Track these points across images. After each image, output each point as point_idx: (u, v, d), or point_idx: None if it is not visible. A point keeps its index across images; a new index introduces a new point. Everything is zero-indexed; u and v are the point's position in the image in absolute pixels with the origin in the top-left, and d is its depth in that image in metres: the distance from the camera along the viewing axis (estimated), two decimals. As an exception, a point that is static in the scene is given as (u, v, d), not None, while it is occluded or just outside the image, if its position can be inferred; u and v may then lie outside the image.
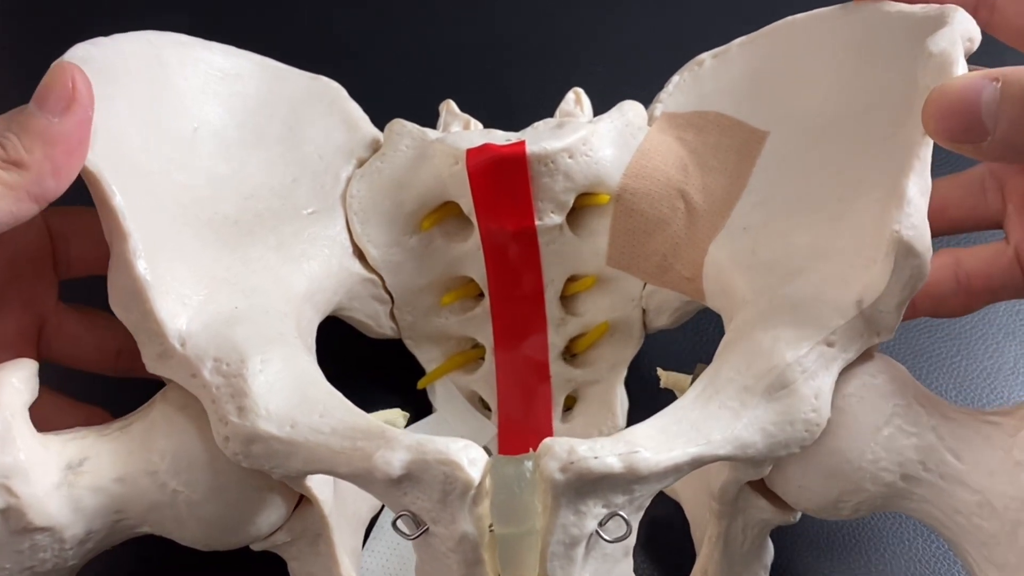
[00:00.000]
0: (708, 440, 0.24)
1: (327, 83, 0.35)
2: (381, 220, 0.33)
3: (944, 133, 0.23)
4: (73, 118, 0.24)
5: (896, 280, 0.25)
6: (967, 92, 0.23)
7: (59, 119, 0.24)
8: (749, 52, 0.33)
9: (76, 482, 0.25)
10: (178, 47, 0.32)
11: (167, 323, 0.26)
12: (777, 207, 0.30)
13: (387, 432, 0.23)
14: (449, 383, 0.36)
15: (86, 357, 0.31)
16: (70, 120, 0.24)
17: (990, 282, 0.30)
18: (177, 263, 0.27)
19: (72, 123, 0.24)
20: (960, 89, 0.23)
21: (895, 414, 0.25)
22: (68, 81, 0.25)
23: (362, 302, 0.34)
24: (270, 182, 0.32)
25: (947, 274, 0.30)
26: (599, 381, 0.35)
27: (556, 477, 0.22)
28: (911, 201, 0.24)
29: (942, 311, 0.31)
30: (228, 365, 0.25)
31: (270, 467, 0.25)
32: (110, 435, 0.26)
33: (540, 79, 0.49)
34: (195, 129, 0.31)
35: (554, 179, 0.32)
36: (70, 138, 0.24)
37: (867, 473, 0.25)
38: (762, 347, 0.25)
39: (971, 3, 0.28)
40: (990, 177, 0.31)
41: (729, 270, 0.30)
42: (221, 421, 0.25)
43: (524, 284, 0.34)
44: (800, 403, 0.25)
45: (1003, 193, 0.30)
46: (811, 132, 0.31)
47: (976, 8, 0.28)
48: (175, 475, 0.26)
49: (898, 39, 0.28)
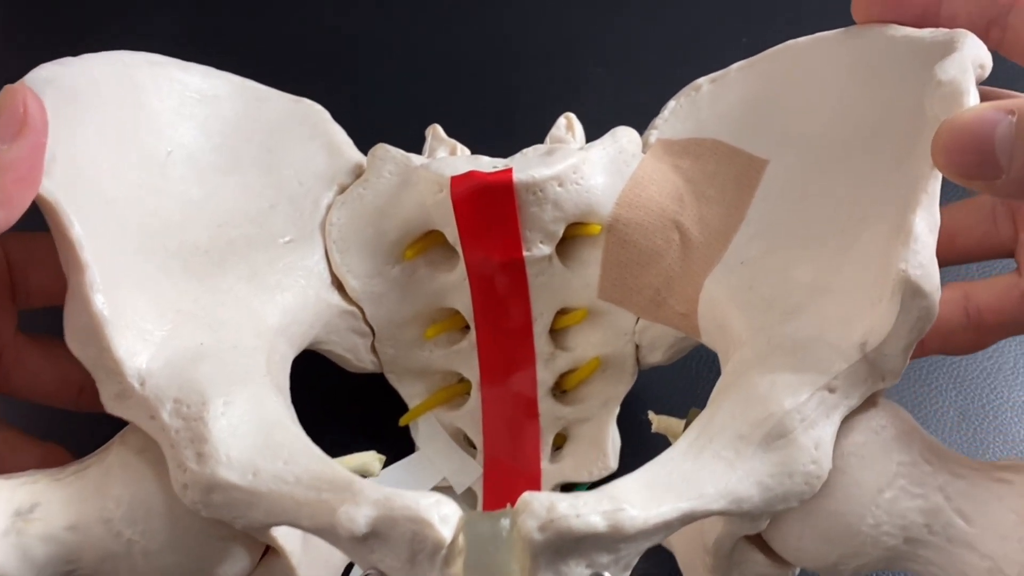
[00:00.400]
0: (700, 494, 0.22)
1: (309, 105, 0.33)
2: (362, 249, 0.32)
3: (955, 169, 0.22)
4: (24, 144, 0.23)
5: (903, 322, 0.23)
6: (980, 126, 0.21)
7: (7, 146, 0.23)
8: (748, 77, 0.31)
9: (25, 530, 0.24)
10: (152, 67, 0.30)
11: (125, 361, 0.24)
12: (776, 240, 0.29)
13: (354, 484, 0.22)
14: (433, 420, 0.35)
15: (47, 391, 0.30)
16: (20, 147, 0.23)
17: (1002, 317, 0.28)
18: (139, 296, 0.25)
19: (23, 150, 0.23)
20: (972, 122, 0.21)
21: (899, 474, 0.24)
22: (19, 105, 0.23)
23: (341, 335, 0.32)
24: (246, 208, 0.31)
25: (956, 309, 0.28)
26: (590, 419, 0.34)
27: (535, 537, 0.21)
28: (918, 238, 0.23)
29: (951, 348, 0.29)
30: (188, 407, 0.24)
31: (231, 517, 0.23)
32: (64, 480, 0.25)
33: (540, 79, 0.48)
34: (168, 152, 0.30)
35: (543, 208, 0.30)
36: (19, 166, 0.23)
37: (868, 538, 0.24)
38: (759, 392, 0.24)
39: (982, 23, 0.27)
40: (1001, 204, 0.29)
41: (725, 306, 0.28)
42: (179, 467, 0.23)
43: (512, 317, 0.33)
44: (799, 454, 0.23)
45: (1015, 221, 0.29)
46: (813, 160, 0.29)
47: (988, 28, 0.27)
48: (131, 524, 0.24)
49: (904, 64, 0.27)
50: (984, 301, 0.28)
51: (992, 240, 0.29)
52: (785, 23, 0.50)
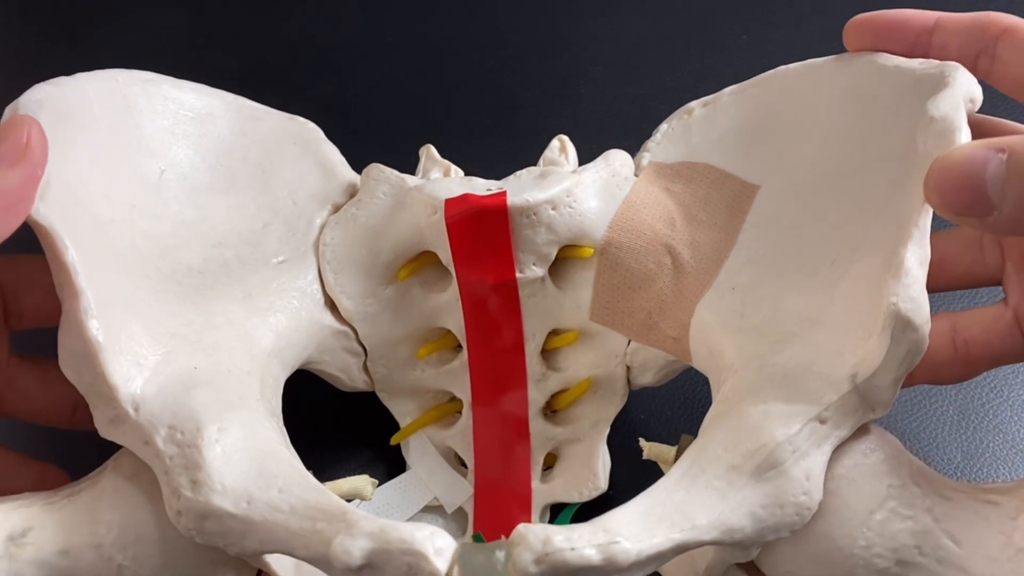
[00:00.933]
0: (693, 525, 0.22)
1: (303, 123, 0.33)
2: (356, 269, 0.32)
3: (947, 207, 0.22)
4: (19, 174, 0.23)
5: (893, 354, 0.23)
6: (971, 165, 0.21)
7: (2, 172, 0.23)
8: (741, 101, 0.32)
9: (18, 555, 0.24)
10: (146, 86, 0.30)
11: (120, 387, 0.24)
12: (768, 266, 0.29)
13: (349, 514, 0.22)
14: (424, 438, 0.35)
15: (41, 412, 0.30)
16: (15, 175, 0.23)
17: (989, 349, 0.28)
18: (133, 320, 0.25)
19: (17, 179, 0.23)
20: (963, 162, 0.22)
21: (889, 496, 0.24)
22: (23, 135, 0.23)
23: (334, 355, 0.32)
24: (240, 228, 0.31)
25: (944, 341, 0.29)
26: (581, 439, 0.34)
27: (530, 570, 0.21)
28: (909, 272, 0.23)
29: (941, 378, 0.29)
30: (183, 434, 0.24)
31: (225, 544, 0.23)
32: (57, 504, 0.25)
33: (540, 79, 0.48)
34: (162, 172, 0.30)
35: (536, 231, 0.30)
36: (10, 194, 0.23)
37: (860, 560, 0.24)
38: (751, 423, 0.24)
39: (972, 53, 0.27)
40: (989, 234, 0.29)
41: (716, 332, 0.28)
42: (174, 494, 0.23)
43: (504, 337, 0.33)
44: (790, 485, 0.23)
45: (1002, 250, 0.29)
46: (804, 187, 0.29)
47: (977, 57, 0.27)
48: (122, 549, 0.24)
49: (896, 95, 0.27)
50: (972, 333, 0.29)
51: (979, 269, 0.29)
52: (785, 23, 0.50)
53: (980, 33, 0.27)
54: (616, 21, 0.51)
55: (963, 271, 0.30)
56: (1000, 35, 0.26)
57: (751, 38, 0.49)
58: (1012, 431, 0.36)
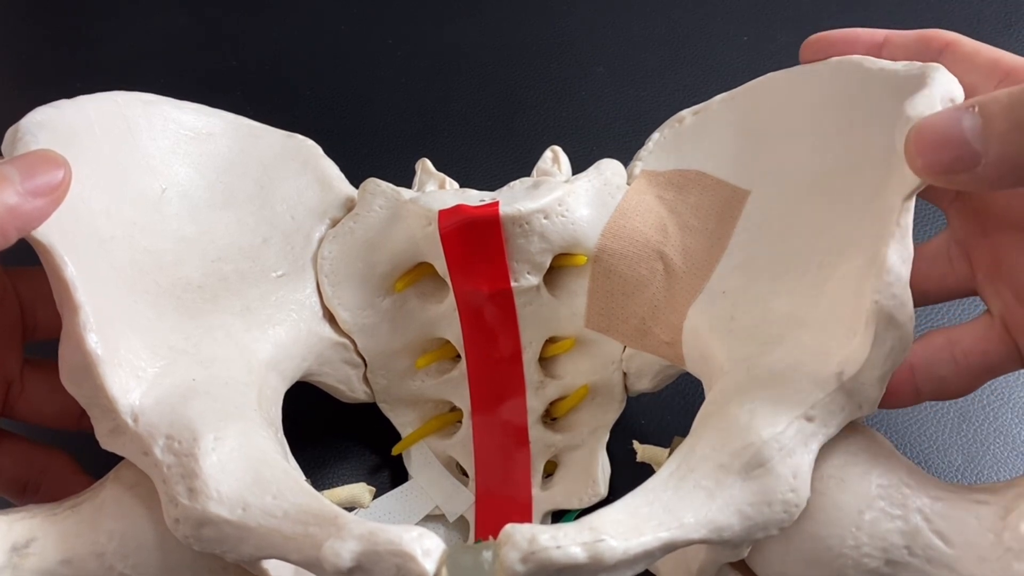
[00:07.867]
0: (680, 523, 0.22)
1: (301, 140, 0.34)
2: (353, 282, 0.32)
3: (934, 167, 0.22)
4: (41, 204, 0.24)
5: (877, 351, 0.24)
6: (947, 122, 0.22)
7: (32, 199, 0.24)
8: (730, 109, 0.32)
9: (21, 565, 0.24)
10: (146, 107, 0.31)
11: (119, 399, 0.25)
12: (757, 270, 0.29)
13: (339, 518, 0.22)
14: (425, 448, 0.35)
15: (49, 417, 0.30)
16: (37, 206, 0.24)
17: (987, 359, 0.28)
18: (132, 333, 0.26)
19: (37, 208, 0.24)
20: (939, 121, 0.22)
21: (878, 496, 0.24)
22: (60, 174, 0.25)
23: (333, 367, 0.33)
24: (239, 243, 0.31)
25: (944, 356, 0.28)
26: (580, 446, 0.34)
27: (517, 568, 0.21)
28: (891, 270, 0.23)
29: (946, 393, 0.29)
30: (180, 443, 0.24)
31: (222, 551, 0.24)
32: (60, 514, 0.25)
33: (540, 79, 0.49)
34: (163, 190, 0.31)
35: (529, 240, 0.31)
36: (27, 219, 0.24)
37: (849, 560, 0.24)
38: (738, 422, 0.24)
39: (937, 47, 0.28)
40: (955, 245, 0.29)
41: (708, 336, 0.28)
42: (171, 502, 0.24)
43: (501, 346, 0.33)
44: (777, 483, 0.23)
45: (970, 261, 0.29)
46: (792, 192, 0.30)
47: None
48: (122, 557, 0.25)
49: (880, 97, 0.27)
50: (968, 346, 0.28)
51: (951, 281, 0.29)
52: (785, 24, 0.50)
53: (924, 48, 0.28)
54: (616, 21, 0.51)
55: (934, 286, 0.30)
56: (943, 48, 0.28)
57: (751, 40, 0.49)
58: (1013, 434, 0.36)
